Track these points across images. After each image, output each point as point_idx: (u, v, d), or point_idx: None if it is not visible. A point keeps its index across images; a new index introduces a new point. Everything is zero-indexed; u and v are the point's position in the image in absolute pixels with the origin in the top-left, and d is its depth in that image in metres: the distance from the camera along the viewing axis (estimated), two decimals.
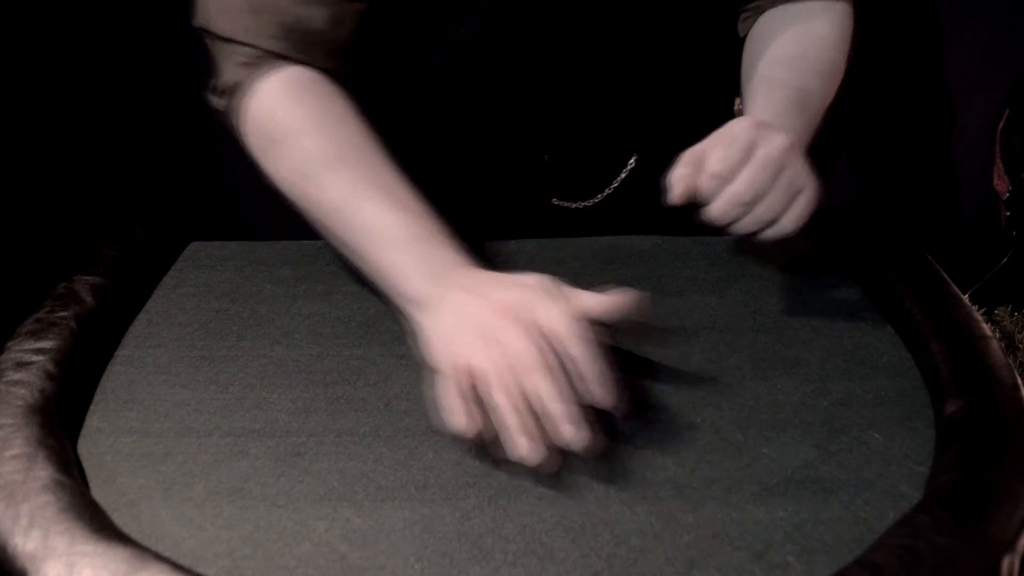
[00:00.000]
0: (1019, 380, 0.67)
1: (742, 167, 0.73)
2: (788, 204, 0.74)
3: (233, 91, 0.83)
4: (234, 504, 0.61)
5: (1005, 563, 0.54)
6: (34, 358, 0.70)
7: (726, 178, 0.73)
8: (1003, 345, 1.33)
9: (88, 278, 0.80)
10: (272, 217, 0.88)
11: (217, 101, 0.85)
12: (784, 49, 0.90)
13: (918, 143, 1.43)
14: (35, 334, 0.72)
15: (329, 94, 0.83)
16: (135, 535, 0.58)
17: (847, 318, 0.80)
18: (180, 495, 0.62)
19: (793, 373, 0.73)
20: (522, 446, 0.62)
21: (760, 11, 0.97)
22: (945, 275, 0.81)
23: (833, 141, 1.42)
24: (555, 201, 1.01)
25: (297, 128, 0.80)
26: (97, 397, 0.72)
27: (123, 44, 1.37)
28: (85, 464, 0.65)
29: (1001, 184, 1.43)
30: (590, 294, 0.69)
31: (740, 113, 1.14)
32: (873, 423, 0.67)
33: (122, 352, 0.77)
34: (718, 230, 0.89)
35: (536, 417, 0.63)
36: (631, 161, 1.00)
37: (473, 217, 1.02)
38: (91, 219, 1.26)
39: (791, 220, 0.74)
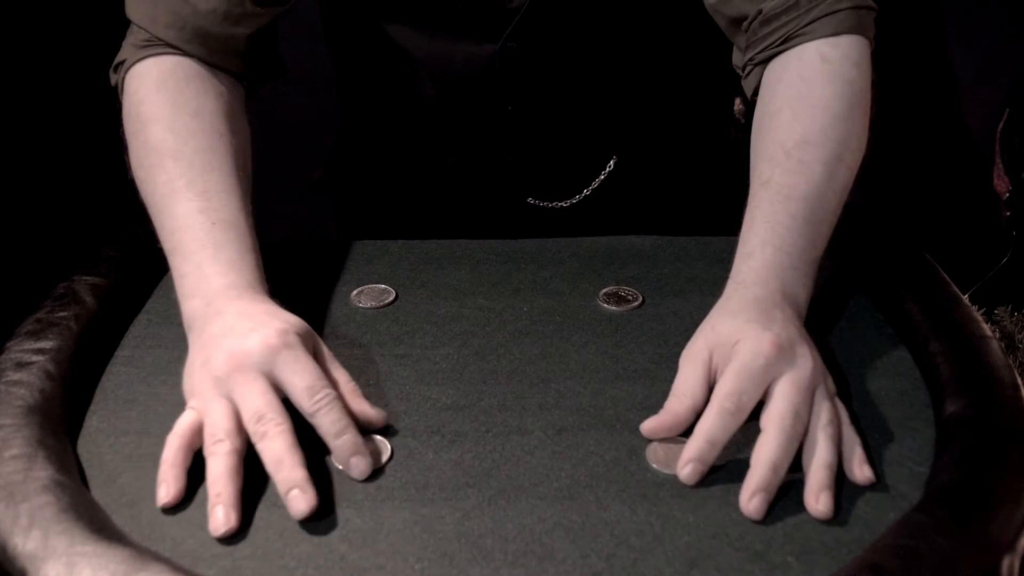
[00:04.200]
0: (1019, 380, 0.67)
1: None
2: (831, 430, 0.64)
3: (118, 68, 0.84)
4: None
5: (1005, 563, 0.54)
6: (34, 358, 0.70)
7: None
8: (1003, 345, 1.33)
9: (88, 278, 0.80)
10: (271, 217, 0.89)
11: (112, 76, 0.85)
12: (781, 135, 0.78)
13: (918, 143, 1.43)
14: (35, 334, 0.72)
15: (197, 88, 0.81)
16: (135, 535, 0.58)
17: (847, 318, 0.80)
18: None
19: None
20: (296, 503, 0.60)
21: (757, 63, 0.84)
22: (945, 275, 0.80)
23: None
24: (531, 200, 1.01)
25: (150, 116, 0.79)
26: (97, 397, 0.72)
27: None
28: (85, 464, 0.65)
29: (1001, 184, 1.43)
30: (332, 363, 0.69)
31: (740, 114, 1.13)
32: (873, 423, 0.67)
33: (122, 352, 0.77)
34: (718, 230, 0.89)
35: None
36: (610, 163, 0.99)
37: (449, 211, 1.02)
38: (91, 219, 1.26)
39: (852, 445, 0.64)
